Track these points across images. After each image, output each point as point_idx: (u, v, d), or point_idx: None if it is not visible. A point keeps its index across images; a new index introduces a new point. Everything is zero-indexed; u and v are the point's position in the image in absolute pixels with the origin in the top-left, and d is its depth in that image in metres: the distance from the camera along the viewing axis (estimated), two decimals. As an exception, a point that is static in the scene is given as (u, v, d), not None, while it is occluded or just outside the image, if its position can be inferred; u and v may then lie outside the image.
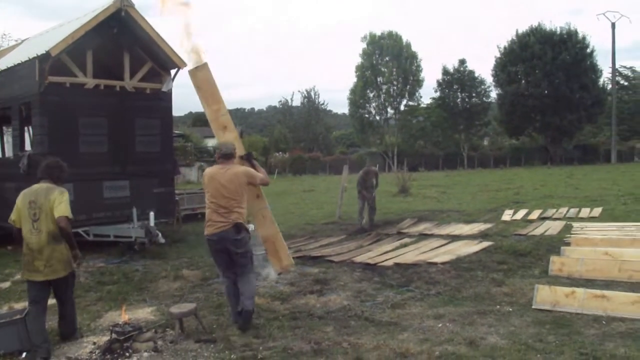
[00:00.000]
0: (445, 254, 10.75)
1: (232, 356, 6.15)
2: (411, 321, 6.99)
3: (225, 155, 7.18)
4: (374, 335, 6.54)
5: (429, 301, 7.83)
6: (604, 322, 6.49)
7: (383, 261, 10.44)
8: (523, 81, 57.30)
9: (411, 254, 10.99)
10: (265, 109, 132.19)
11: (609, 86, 59.84)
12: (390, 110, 65.95)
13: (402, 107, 66.07)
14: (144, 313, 8.15)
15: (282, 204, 24.46)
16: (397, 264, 10.08)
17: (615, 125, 57.21)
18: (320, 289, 8.78)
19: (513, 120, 57.22)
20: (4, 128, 17.84)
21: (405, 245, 12.16)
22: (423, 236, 13.25)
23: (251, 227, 10.97)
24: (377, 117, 66.57)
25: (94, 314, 8.15)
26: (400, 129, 65.38)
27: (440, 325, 6.74)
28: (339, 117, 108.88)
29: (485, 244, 11.50)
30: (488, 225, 14.25)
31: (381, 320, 7.09)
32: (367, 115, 66.23)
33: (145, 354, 6.39)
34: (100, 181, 12.90)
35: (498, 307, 7.36)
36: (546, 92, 54.87)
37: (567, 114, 53.98)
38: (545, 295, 7.14)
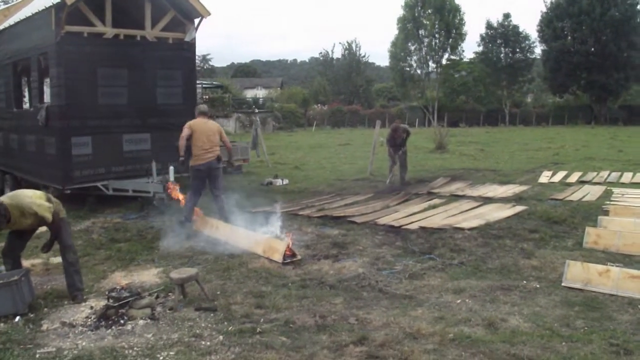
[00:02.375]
0: (474, 218, 10.12)
1: (230, 328, 5.74)
2: (428, 295, 6.45)
3: (203, 113, 10.23)
4: (385, 310, 6.03)
5: (450, 272, 7.25)
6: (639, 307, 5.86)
7: (408, 224, 9.87)
8: (569, 37, 55.07)
9: (439, 217, 10.38)
10: (307, 61, 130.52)
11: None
12: (431, 64, 64.23)
13: (443, 61, 64.30)
14: (149, 275, 7.80)
15: (315, 158, 23.96)
16: (422, 228, 9.50)
17: (664, 85, 54.81)
18: (336, 253, 8.29)
19: (557, 78, 55.15)
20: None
21: (434, 206, 11.54)
22: (454, 197, 12.59)
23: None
24: (418, 71, 64.95)
25: (99, 274, 7.86)
26: (442, 84, 63.83)
27: (459, 301, 6.18)
28: (381, 69, 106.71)
29: (519, 208, 10.81)
30: (524, 188, 13.49)
31: (396, 292, 6.57)
32: (407, 69, 64.62)
33: (141, 322, 6.05)
34: (120, 134, 12.50)
35: (525, 282, 6.75)
36: (593, 49, 52.72)
37: (613, 73, 51.79)
38: (577, 272, 6.49)
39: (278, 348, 5.19)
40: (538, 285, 6.59)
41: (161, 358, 5.17)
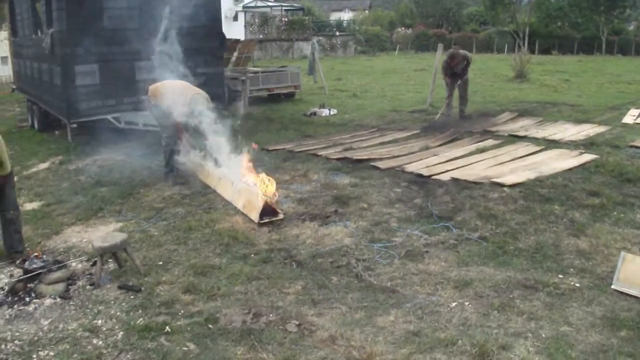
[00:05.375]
0: (525, 169, 8.05)
1: (139, 320, 4.31)
2: (418, 288, 4.62)
3: None
4: (346, 310, 4.29)
5: (463, 251, 5.32)
6: None
7: (440, 173, 7.94)
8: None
9: (481, 165, 8.37)
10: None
11: None
12: (524, -14, 59.13)
13: (537, -17, 58.90)
14: (105, 230, 6.40)
15: (380, 85, 21.95)
16: (454, 180, 7.55)
17: None
18: (331, 212, 6.50)
19: (663, 2, 49.44)
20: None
21: (482, 150, 9.46)
22: (512, 138, 10.43)
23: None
24: (509, -7, 59.85)
25: (56, 228, 6.64)
26: (536, 8, 58.67)
27: (454, 304, 4.32)
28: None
29: (586, 157, 8.57)
30: (601, 129, 11.06)
31: (374, 282, 4.76)
32: (497, -10, 59.59)
33: (48, 301, 4.87)
34: (132, 61, 10.96)
35: (560, 277, 4.74)
36: None
37: None
38: (635, 272, 4.42)
39: (173, 364, 3.66)
40: (578, 285, 4.58)
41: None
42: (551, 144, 9.78)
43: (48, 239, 6.28)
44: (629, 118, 12.40)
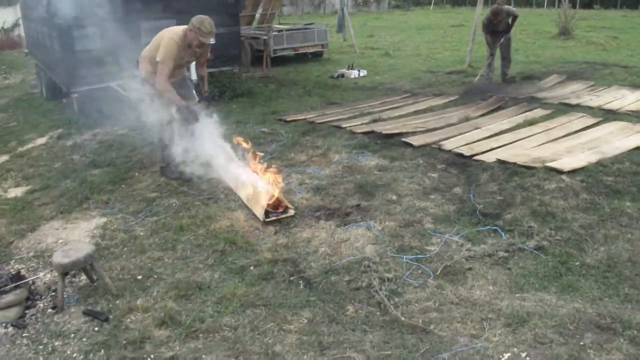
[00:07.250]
0: (583, 147, 6.82)
1: None
2: (458, 326, 3.52)
3: None
4: (363, 365, 3.22)
5: (517, 269, 4.15)
6: None
7: (484, 152, 6.79)
8: None
9: (531, 143, 7.17)
10: None
11: None
12: None
13: None
14: (87, 229, 5.48)
15: (415, 42, 20.61)
16: (500, 162, 6.39)
17: None
18: (353, 207, 5.41)
19: None
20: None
21: (530, 122, 8.22)
22: (563, 107, 9.15)
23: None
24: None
25: (33, 223, 5.70)
26: (579, -43, 55.93)
27: (506, 357, 3.21)
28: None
29: (654, 133, 7.34)
30: (665, 96, 9.69)
31: (400, 316, 3.65)
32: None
33: None
34: (136, 22, 9.84)
35: None
36: None
37: None
38: None
39: None
40: (671, 325, 3.44)
41: None
42: (609, 114, 8.51)
43: (22, 238, 5.37)
44: (695, 82, 10.93)
